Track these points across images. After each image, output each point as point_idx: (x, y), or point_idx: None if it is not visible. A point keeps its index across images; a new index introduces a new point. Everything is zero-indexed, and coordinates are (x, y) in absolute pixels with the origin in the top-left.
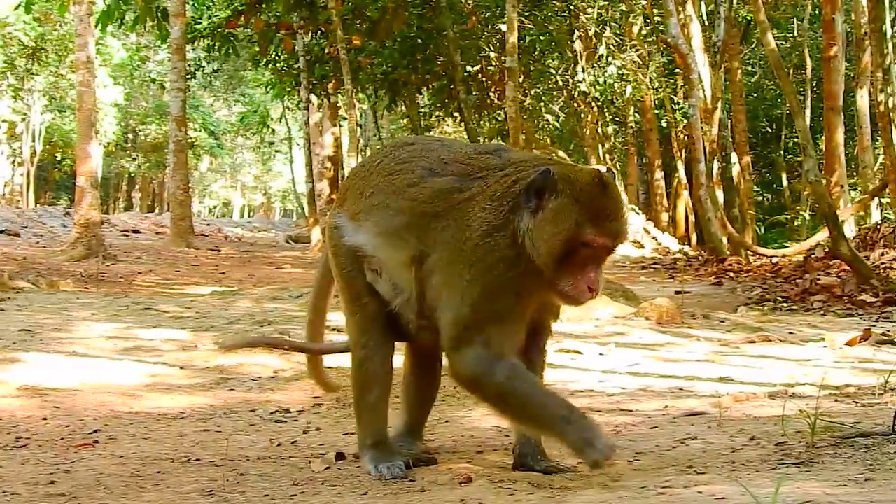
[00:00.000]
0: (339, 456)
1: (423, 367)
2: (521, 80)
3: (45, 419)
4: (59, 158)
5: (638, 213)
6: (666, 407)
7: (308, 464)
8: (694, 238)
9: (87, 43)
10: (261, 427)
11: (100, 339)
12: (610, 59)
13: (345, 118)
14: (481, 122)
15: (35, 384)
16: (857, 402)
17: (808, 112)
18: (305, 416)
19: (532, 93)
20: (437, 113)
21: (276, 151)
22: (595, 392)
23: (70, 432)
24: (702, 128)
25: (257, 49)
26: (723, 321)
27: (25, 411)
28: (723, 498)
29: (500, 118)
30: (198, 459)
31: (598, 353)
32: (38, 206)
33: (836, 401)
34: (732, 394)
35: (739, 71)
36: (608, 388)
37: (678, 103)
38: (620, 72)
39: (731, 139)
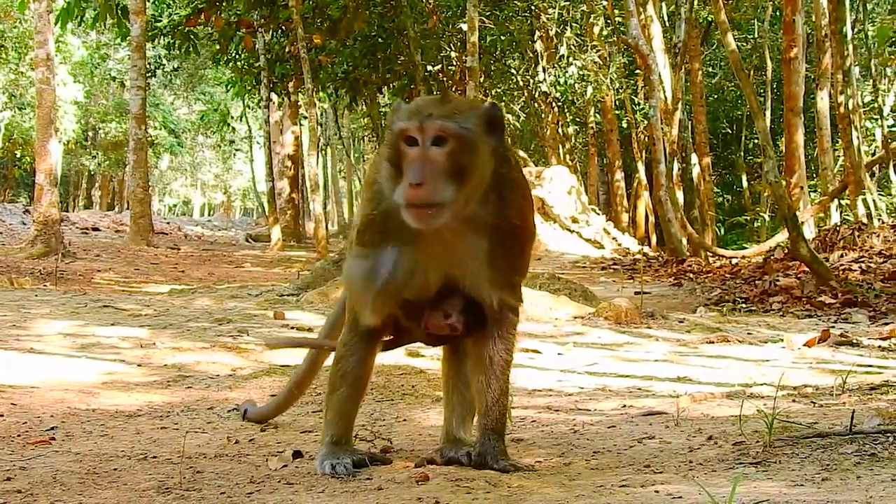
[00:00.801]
0: (297, 454)
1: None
2: (481, 79)
3: (1, 416)
4: (18, 156)
5: (598, 214)
6: (624, 406)
7: (265, 461)
8: (654, 239)
9: (46, 40)
10: (218, 425)
11: (57, 336)
12: (571, 59)
13: (305, 117)
14: None
15: None
16: (814, 403)
17: (768, 114)
18: None
19: (493, 93)
20: None
21: (237, 150)
22: (553, 391)
23: (27, 429)
24: (662, 129)
25: (217, 47)
26: (682, 321)
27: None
28: (679, 497)
29: None
30: (154, 457)
31: (557, 352)
32: None
33: (793, 401)
34: (690, 393)
35: (700, 72)
36: (567, 388)
37: (639, 104)
38: (581, 72)
39: (691, 140)
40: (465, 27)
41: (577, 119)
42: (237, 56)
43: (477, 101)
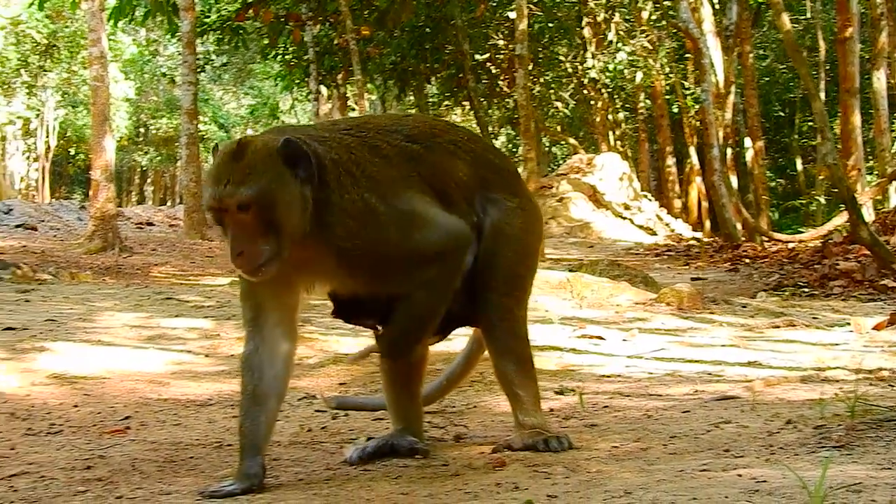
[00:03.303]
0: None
1: None
2: (530, 67)
3: (76, 406)
4: (72, 153)
5: (650, 200)
6: (696, 391)
7: (340, 449)
8: (707, 224)
9: (99, 38)
10: (290, 413)
11: (124, 328)
12: (619, 45)
13: (354, 108)
14: (490, 111)
15: (64, 372)
16: (892, 386)
17: (822, 95)
18: None
19: (542, 80)
20: (445, 102)
21: None
22: (622, 377)
23: (102, 419)
24: (714, 113)
25: (266, 41)
26: (744, 307)
27: (57, 399)
28: (764, 481)
29: (509, 106)
30: (229, 445)
31: (622, 338)
32: (53, 200)
33: (870, 384)
34: (763, 378)
35: (751, 55)
36: (635, 374)
37: (689, 88)
38: (630, 58)
39: (743, 124)
40: (512, 15)
41: (627, 105)
42: (286, 49)
43: (271, 142)
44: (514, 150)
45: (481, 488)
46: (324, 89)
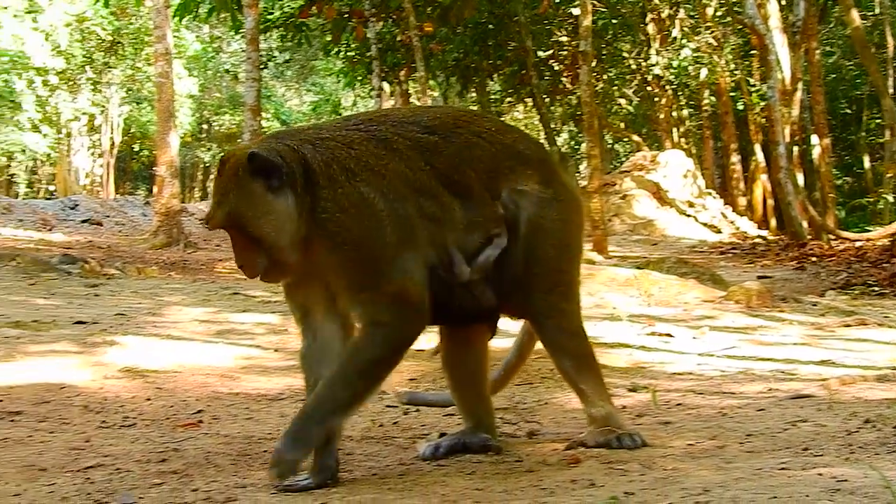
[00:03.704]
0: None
1: None
2: (593, 64)
3: (148, 399)
4: (136, 149)
5: (714, 198)
6: (769, 389)
7: (412, 444)
8: (773, 222)
9: (164, 35)
10: (360, 409)
11: (192, 322)
12: (684, 41)
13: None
14: (552, 108)
15: (135, 366)
16: None
17: (890, 91)
18: None
19: (605, 77)
20: (508, 99)
21: None
22: (694, 374)
23: (174, 412)
24: (780, 110)
25: (329, 38)
26: (814, 305)
27: (129, 392)
28: (844, 480)
29: (572, 103)
30: None
31: (691, 336)
32: (118, 196)
33: None
34: (838, 377)
35: (818, 51)
36: (707, 371)
37: (755, 85)
38: (695, 54)
39: (810, 121)
40: (576, 11)
41: (691, 102)
42: (348, 46)
43: (241, 157)
44: (577, 147)
45: (556, 485)
46: (386, 86)
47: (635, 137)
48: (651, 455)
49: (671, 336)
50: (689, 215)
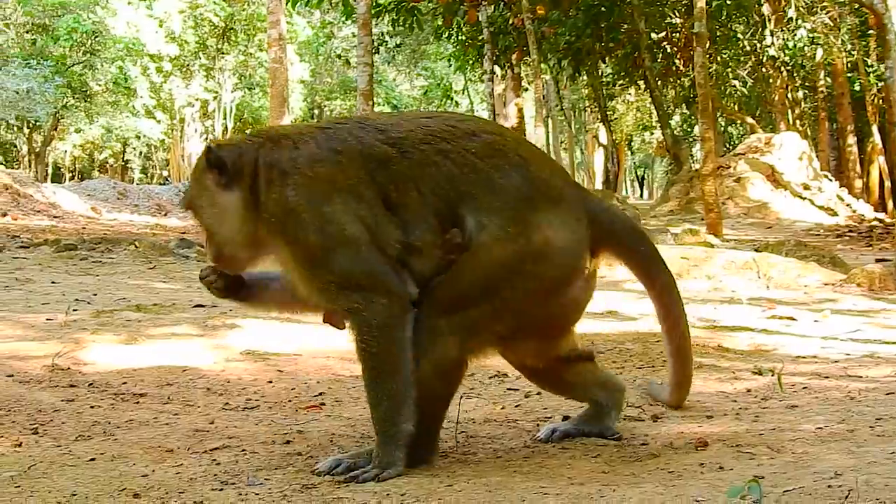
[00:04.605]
0: (567, 419)
1: None
2: (707, 45)
3: (270, 382)
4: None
5: (830, 180)
6: None
7: (536, 427)
8: (890, 205)
9: (278, 20)
10: (482, 391)
11: None
12: (799, 21)
13: (527, 89)
14: (665, 90)
15: (256, 349)
16: None
17: None
18: (524, 381)
19: (719, 59)
20: (620, 82)
21: None
22: (819, 358)
23: (296, 394)
24: None
25: (440, 22)
26: None
27: (251, 375)
28: None
29: (684, 85)
30: None
31: (813, 319)
32: None
33: None
34: None
35: None
36: (832, 355)
37: (872, 66)
38: (811, 35)
39: None
40: None
41: (807, 83)
42: (460, 30)
43: (204, 152)
44: (689, 130)
45: (684, 468)
46: (497, 70)
47: (749, 120)
48: (780, 439)
49: (793, 319)
50: (804, 198)
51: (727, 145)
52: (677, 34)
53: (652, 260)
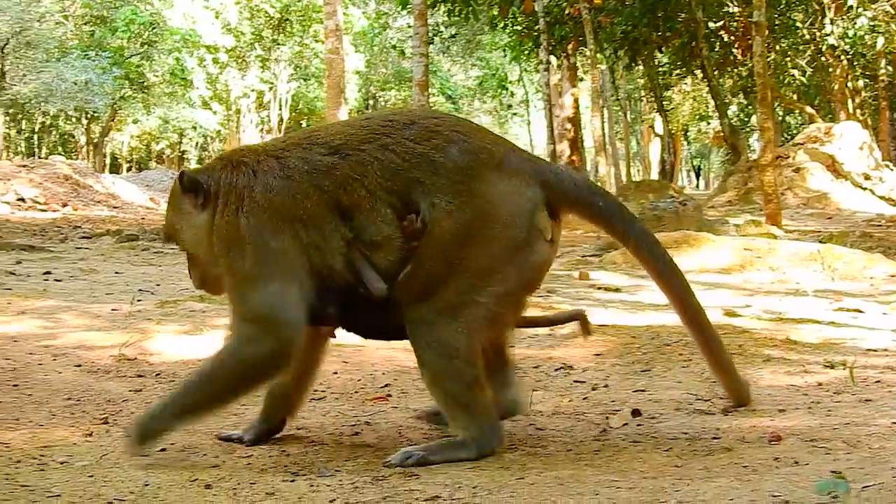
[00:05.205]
0: (636, 412)
1: None
2: (766, 34)
3: (335, 373)
4: (304, 125)
5: (892, 170)
6: None
7: (605, 419)
8: None
9: (335, 11)
10: (548, 384)
11: None
12: (860, 9)
13: (583, 79)
14: (723, 80)
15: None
16: None
17: None
18: (590, 373)
19: (777, 48)
20: (676, 71)
21: (513, 114)
22: (890, 351)
23: (362, 386)
24: None
25: (496, 12)
26: None
27: None
28: None
29: (742, 74)
30: None
31: (882, 311)
32: None
33: None
34: None
35: None
36: None
37: None
38: (871, 23)
39: None
40: None
41: (867, 72)
42: (515, 20)
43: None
44: (746, 119)
45: (758, 463)
46: (553, 59)
47: (808, 109)
48: (855, 433)
49: (860, 311)
50: (864, 188)
51: (785, 135)
52: (735, 23)
53: (613, 212)
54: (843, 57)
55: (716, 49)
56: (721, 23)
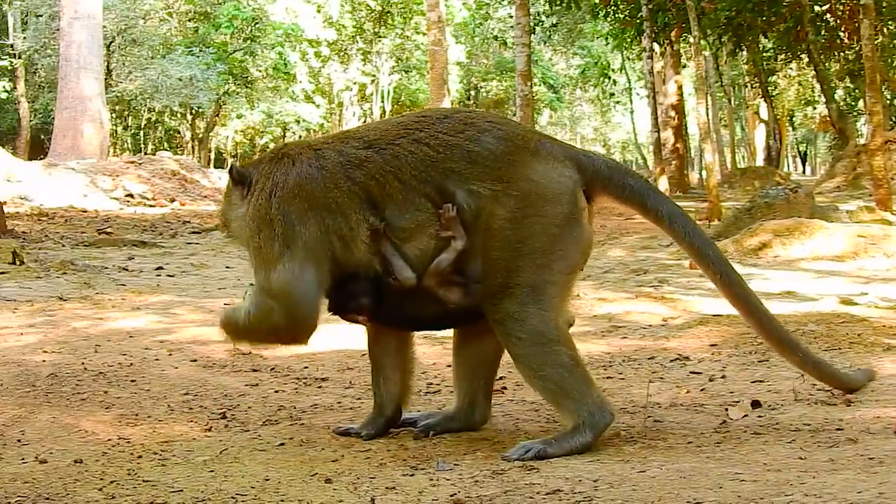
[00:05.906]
0: (755, 403)
1: None
2: (874, 16)
3: (449, 366)
4: None
5: None
6: None
7: (724, 411)
8: None
9: (437, 3)
10: (663, 375)
11: None
12: None
13: (686, 66)
14: (829, 63)
15: (431, 333)
16: None
17: None
18: (706, 364)
19: (885, 30)
20: (781, 56)
21: (616, 103)
22: None
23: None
24: None
25: (598, 0)
26: None
27: (430, 358)
28: None
29: (850, 58)
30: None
31: None
32: None
33: None
34: None
35: None
36: None
37: None
38: None
39: None
40: None
41: None
42: (617, 8)
43: (228, 171)
44: (853, 104)
45: (885, 454)
46: (656, 47)
47: None
48: None
49: None
50: None
51: (894, 118)
52: (841, 6)
53: (645, 191)
54: None
55: (822, 33)
56: (827, 6)
